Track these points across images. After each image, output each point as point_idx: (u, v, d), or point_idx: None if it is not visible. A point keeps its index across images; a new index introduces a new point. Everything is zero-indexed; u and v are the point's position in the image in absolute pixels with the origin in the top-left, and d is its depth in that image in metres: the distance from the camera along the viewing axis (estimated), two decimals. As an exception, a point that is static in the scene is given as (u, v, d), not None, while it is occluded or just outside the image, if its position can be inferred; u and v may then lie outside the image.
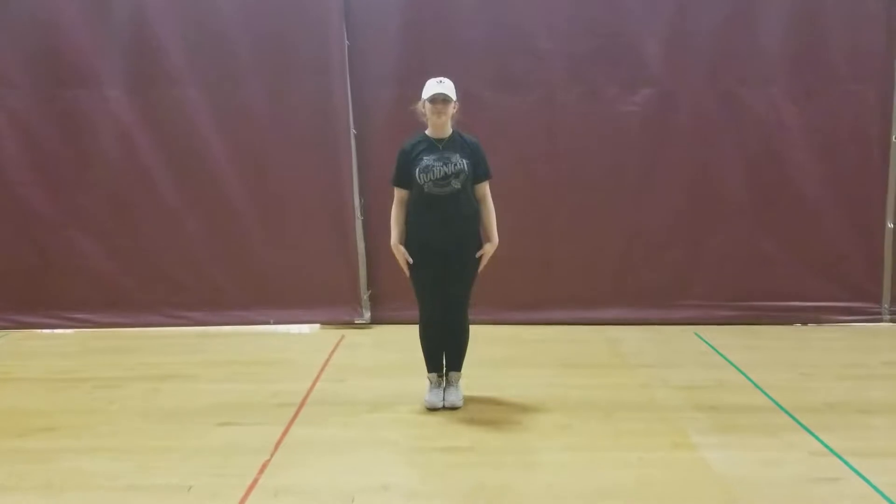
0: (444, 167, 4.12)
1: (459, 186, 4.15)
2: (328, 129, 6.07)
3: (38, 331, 6.25)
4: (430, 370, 4.49)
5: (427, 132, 4.26)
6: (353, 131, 6.04)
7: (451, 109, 4.19)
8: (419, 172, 4.14)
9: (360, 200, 6.16)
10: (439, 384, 4.48)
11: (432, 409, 4.38)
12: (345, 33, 5.93)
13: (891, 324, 6.17)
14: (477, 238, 4.33)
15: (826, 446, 3.86)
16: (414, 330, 4.49)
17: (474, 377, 4.72)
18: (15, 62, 6.01)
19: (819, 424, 4.11)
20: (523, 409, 4.41)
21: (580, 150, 6.09)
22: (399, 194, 4.31)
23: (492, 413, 4.35)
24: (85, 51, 5.99)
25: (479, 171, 4.26)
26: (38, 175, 6.16)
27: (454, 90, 4.16)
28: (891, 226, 6.10)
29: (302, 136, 6.11)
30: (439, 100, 4.11)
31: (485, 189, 4.31)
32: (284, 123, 6.11)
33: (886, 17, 5.87)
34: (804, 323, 6.18)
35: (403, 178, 4.25)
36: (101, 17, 5.96)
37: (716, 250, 6.18)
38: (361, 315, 6.30)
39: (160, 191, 6.18)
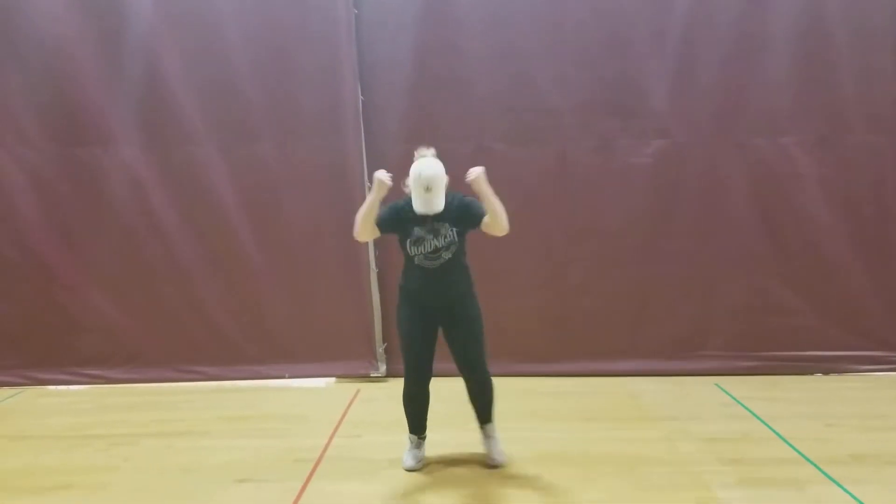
0: (435, 240, 4.02)
1: (450, 256, 4.06)
2: (343, 184, 6.10)
3: (54, 387, 6.23)
4: (412, 430, 4.41)
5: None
6: (367, 185, 6.07)
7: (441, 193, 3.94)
8: (410, 244, 4.06)
9: (375, 253, 6.17)
10: (419, 445, 4.41)
11: (410, 471, 4.29)
12: (359, 90, 6.01)
13: (913, 373, 6.09)
14: (471, 294, 4.22)
15: (856, 499, 3.78)
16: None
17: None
18: (31, 121, 6.09)
19: (846, 477, 4.04)
20: (542, 463, 4.34)
21: (594, 201, 6.10)
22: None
23: (510, 468, 4.29)
24: (101, 109, 6.07)
25: (474, 219, 3.98)
26: (54, 233, 6.22)
27: (443, 177, 3.92)
28: (909, 273, 6.05)
29: (316, 191, 6.15)
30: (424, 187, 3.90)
31: (485, 220, 3.98)
32: (299, 178, 6.15)
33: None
34: (825, 373, 6.09)
35: (386, 224, 4.09)
36: (117, 74, 6.04)
37: (733, 300, 6.14)
38: (377, 368, 6.25)
39: (175, 247, 6.22)
